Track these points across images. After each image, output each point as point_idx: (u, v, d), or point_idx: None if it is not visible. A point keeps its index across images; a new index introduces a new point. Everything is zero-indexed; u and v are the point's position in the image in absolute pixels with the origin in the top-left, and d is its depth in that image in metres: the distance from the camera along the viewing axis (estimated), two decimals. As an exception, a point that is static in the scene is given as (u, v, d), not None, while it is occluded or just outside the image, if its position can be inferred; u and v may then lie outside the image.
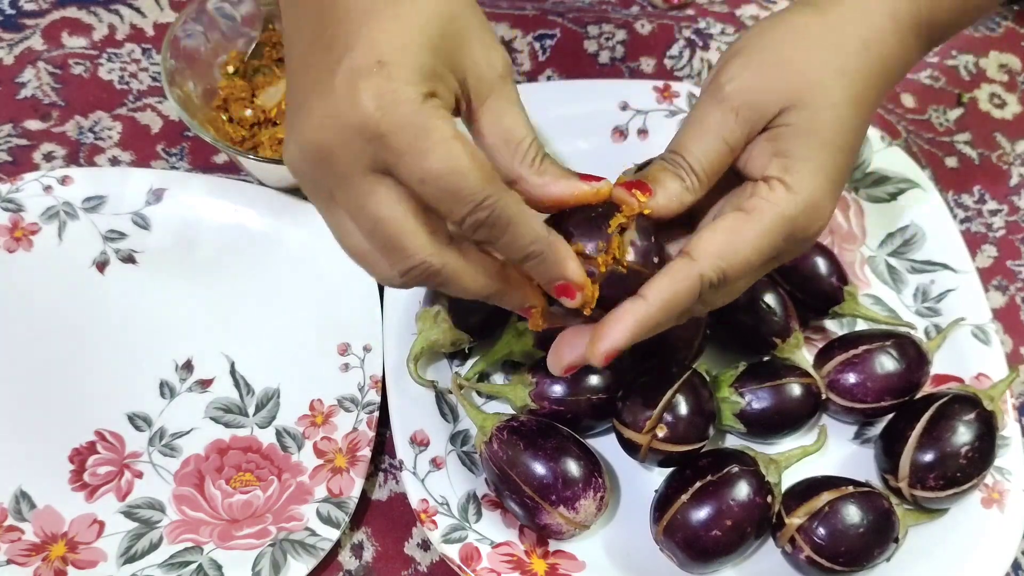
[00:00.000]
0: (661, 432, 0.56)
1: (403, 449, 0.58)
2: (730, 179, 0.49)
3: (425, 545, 0.59)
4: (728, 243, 0.45)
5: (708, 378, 0.62)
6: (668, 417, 0.56)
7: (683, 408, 0.56)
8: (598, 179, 0.45)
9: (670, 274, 0.45)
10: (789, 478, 0.58)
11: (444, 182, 0.39)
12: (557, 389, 0.58)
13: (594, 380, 0.58)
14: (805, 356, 0.62)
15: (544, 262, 0.43)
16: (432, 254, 0.41)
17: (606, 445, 0.60)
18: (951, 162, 0.77)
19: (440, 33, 0.40)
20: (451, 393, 0.60)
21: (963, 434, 0.57)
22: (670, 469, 0.57)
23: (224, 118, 0.66)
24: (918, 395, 0.61)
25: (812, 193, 0.46)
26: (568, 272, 0.44)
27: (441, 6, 0.40)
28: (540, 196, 0.44)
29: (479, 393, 0.61)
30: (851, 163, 0.48)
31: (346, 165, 0.39)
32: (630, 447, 0.57)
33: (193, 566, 0.55)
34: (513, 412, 0.59)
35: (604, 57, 0.78)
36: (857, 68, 0.47)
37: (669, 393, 0.56)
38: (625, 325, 0.45)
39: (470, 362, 0.63)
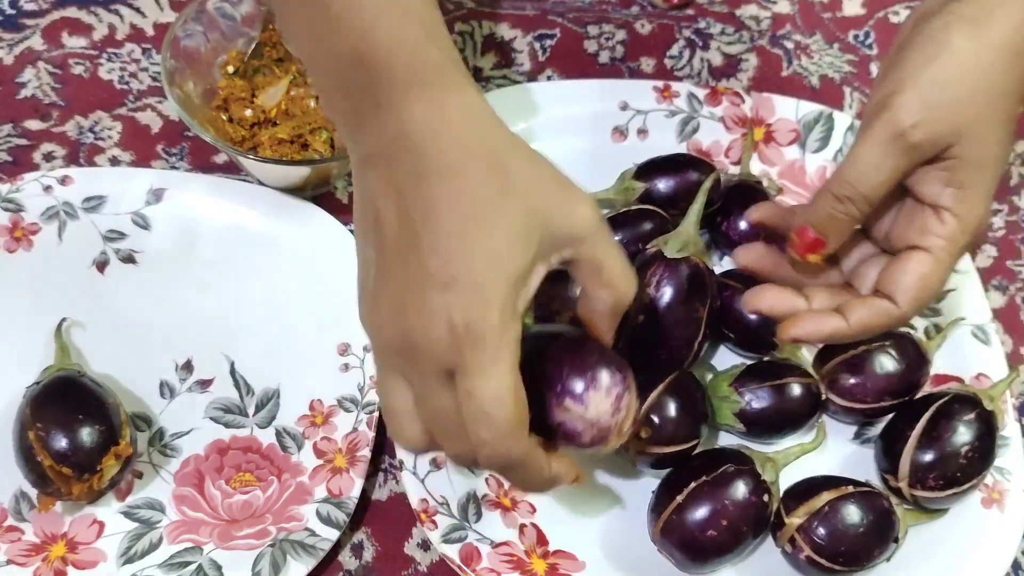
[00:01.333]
0: (645, 434, 0.56)
1: (403, 449, 0.58)
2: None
3: (425, 545, 0.59)
4: (922, 286, 0.49)
5: (707, 377, 0.62)
6: (654, 419, 0.56)
7: (667, 409, 0.56)
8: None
9: (874, 308, 0.51)
10: (789, 478, 0.58)
11: (483, 406, 0.41)
12: None
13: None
14: (805, 356, 0.62)
15: (542, 490, 0.48)
16: (459, 452, 0.44)
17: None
18: (951, 162, 0.77)
19: (526, 228, 0.42)
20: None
21: (963, 434, 0.57)
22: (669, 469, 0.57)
23: (224, 118, 0.66)
24: (918, 395, 0.61)
25: (981, 218, 0.49)
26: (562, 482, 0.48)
27: (528, 201, 0.42)
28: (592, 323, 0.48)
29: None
30: (1004, 169, 0.51)
31: (427, 361, 0.42)
32: (621, 452, 0.57)
33: (193, 566, 0.55)
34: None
35: (604, 57, 0.78)
36: (1014, 84, 0.48)
37: (653, 396, 0.56)
38: (820, 330, 0.51)
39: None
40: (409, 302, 0.41)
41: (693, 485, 0.54)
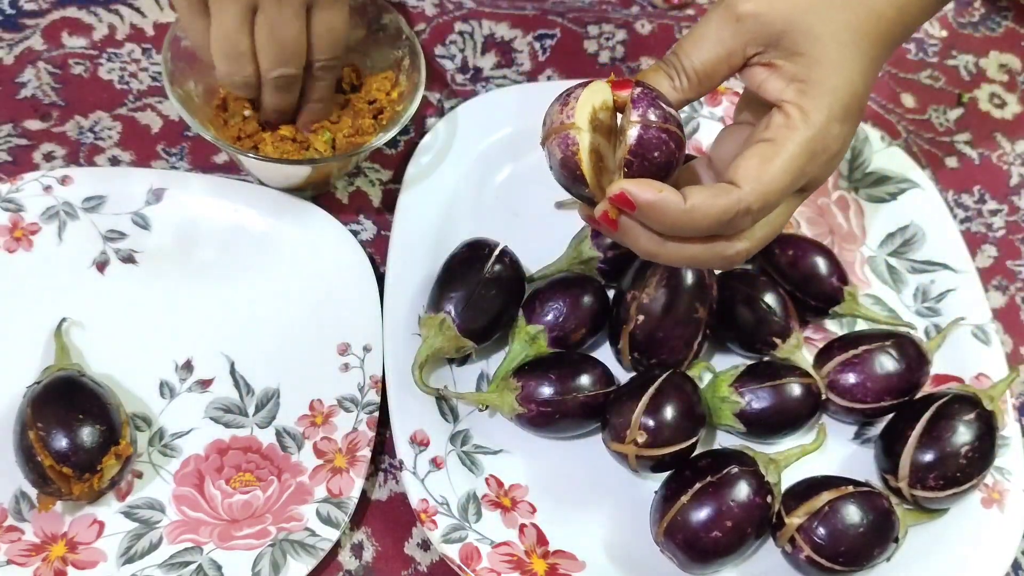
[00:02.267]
0: (641, 439, 0.56)
1: (403, 449, 0.58)
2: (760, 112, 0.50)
3: (425, 545, 0.59)
4: (763, 169, 0.46)
5: (707, 377, 0.62)
6: (648, 423, 0.56)
7: (661, 412, 0.56)
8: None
9: (711, 188, 0.46)
10: (789, 478, 0.58)
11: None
12: (544, 391, 0.58)
13: (583, 379, 0.59)
14: (805, 356, 0.62)
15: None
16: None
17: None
18: (951, 162, 0.77)
19: None
20: (456, 397, 0.60)
21: (963, 434, 0.57)
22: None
23: (224, 117, 0.66)
24: (918, 395, 0.61)
25: (827, 116, 0.47)
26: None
27: None
28: None
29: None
30: (865, 87, 0.49)
31: None
32: (619, 458, 0.58)
33: (193, 566, 0.55)
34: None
35: (604, 57, 0.78)
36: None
37: (644, 400, 0.56)
38: (653, 192, 0.45)
39: (476, 368, 0.63)
40: None
41: (698, 486, 0.54)
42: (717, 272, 0.63)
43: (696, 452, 0.58)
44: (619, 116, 0.47)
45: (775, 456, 0.57)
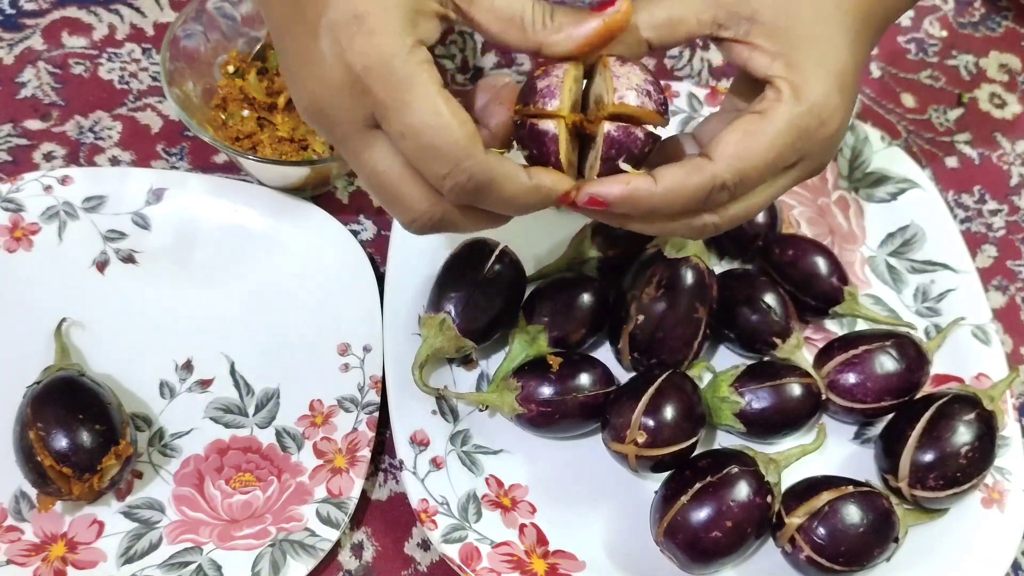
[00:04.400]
0: (641, 439, 0.56)
1: (403, 449, 0.58)
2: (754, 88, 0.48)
3: (425, 545, 0.59)
4: (744, 144, 0.44)
5: (707, 377, 0.62)
6: (648, 423, 0.56)
7: (661, 412, 0.56)
8: (612, 2, 0.44)
9: (685, 166, 0.44)
10: (789, 478, 0.58)
11: (422, 138, 0.40)
12: (544, 391, 0.58)
13: (583, 379, 0.59)
14: (805, 356, 0.62)
15: (535, 206, 0.44)
16: (429, 206, 0.42)
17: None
18: (951, 162, 0.77)
19: None
20: (456, 397, 0.60)
21: (963, 434, 0.57)
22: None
23: (223, 117, 0.66)
24: (918, 395, 0.61)
25: (819, 93, 0.45)
26: (559, 198, 0.44)
27: None
28: (572, 49, 0.44)
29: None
30: (854, 62, 0.47)
31: (341, 123, 0.41)
32: (619, 458, 0.58)
33: (193, 566, 0.55)
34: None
35: (604, 57, 0.77)
36: None
37: (644, 400, 0.56)
38: (621, 186, 0.44)
39: (476, 371, 0.63)
40: (305, 64, 0.40)
41: (698, 486, 0.54)
42: (717, 272, 0.63)
43: (696, 452, 0.58)
44: (595, 80, 0.46)
45: (775, 456, 0.57)
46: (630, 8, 0.44)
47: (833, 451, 0.62)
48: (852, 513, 0.54)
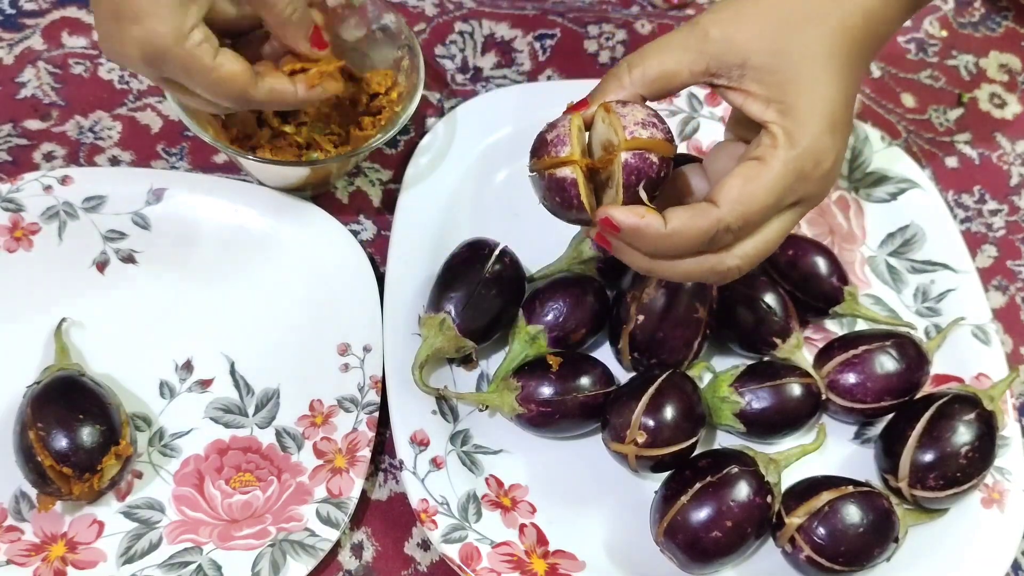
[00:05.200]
0: (641, 439, 0.56)
1: (403, 449, 0.58)
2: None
3: (425, 545, 0.59)
4: (744, 189, 0.47)
5: (707, 377, 0.62)
6: (648, 423, 0.56)
7: (661, 412, 0.56)
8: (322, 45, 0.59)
9: (692, 209, 0.47)
10: (789, 478, 0.58)
11: (222, 90, 0.54)
12: (544, 391, 0.58)
13: (583, 379, 0.59)
14: (805, 356, 0.62)
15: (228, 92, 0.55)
16: (174, 38, 0.52)
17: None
18: (951, 162, 0.77)
19: None
20: (456, 397, 0.60)
21: (963, 434, 0.57)
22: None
23: (223, 117, 0.66)
24: (918, 395, 0.61)
25: (813, 134, 0.48)
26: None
27: None
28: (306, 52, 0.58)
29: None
30: (845, 101, 0.49)
31: (155, 78, 0.54)
32: (619, 458, 0.58)
33: (193, 566, 0.55)
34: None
35: (604, 57, 0.78)
36: (830, 14, 0.49)
37: (644, 400, 0.56)
38: (635, 218, 0.46)
39: (476, 371, 0.63)
40: (114, 37, 0.52)
41: (698, 486, 0.54)
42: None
43: (696, 452, 0.58)
44: (596, 128, 0.49)
45: (775, 456, 0.57)
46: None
47: (833, 451, 0.62)
48: (852, 513, 0.54)
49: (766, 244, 0.49)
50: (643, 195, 0.47)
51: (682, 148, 0.71)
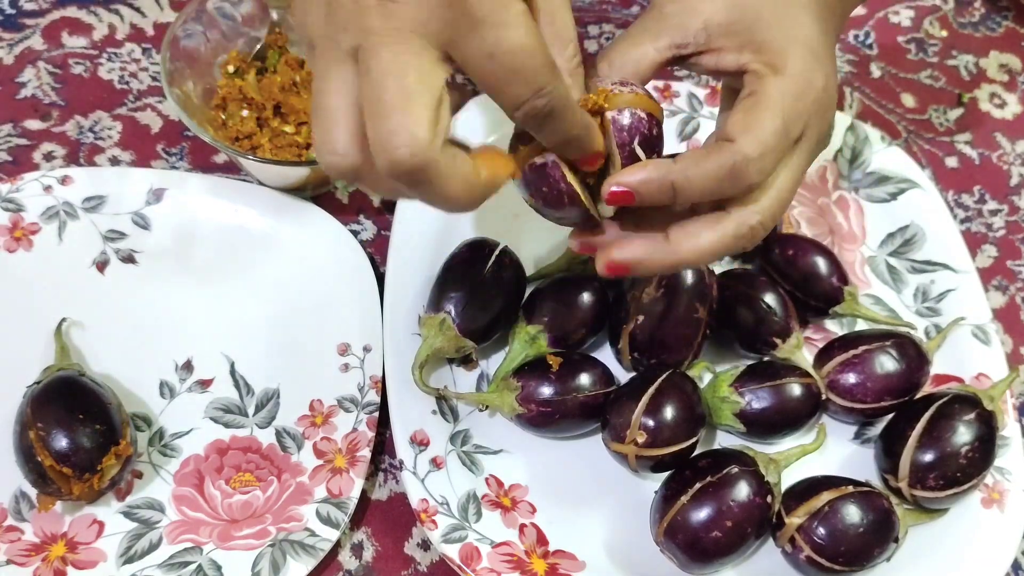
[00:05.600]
0: (641, 439, 0.56)
1: (403, 449, 0.58)
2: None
3: (425, 545, 0.59)
4: (750, 119, 0.45)
5: (707, 377, 0.62)
6: (648, 423, 0.56)
7: (661, 412, 0.56)
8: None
9: (704, 147, 0.46)
10: (789, 478, 0.58)
11: (514, 59, 0.39)
12: (544, 391, 0.58)
13: (583, 379, 0.59)
14: (805, 356, 0.62)
15: (584, 141, 0.44)
16: (424, 141, 0.38)
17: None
18: (951, 162, 0.77)
19: None
20: (456, 397, 0.60)
21: (963, 434, 0.57)
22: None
23: (223, 117, 0.66)
24: (918, 395, 0.61)
25: (794, 61, 0.47)
26: (599, 144, 0.45)
27: None
28: None
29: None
30: (822, 33, 0.48)
31: (404, 19, 0.38)
32: (619, 458, 0.58)
33: (192, 566, 0.55)
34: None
35: (604, 57, 0.77)
36: None
37: (644, 400, 0.56)
38: (641, 169, 0.45)
39: (476, 371, 0.63)
40: None
41: (698, 486, 0.54)
42: (717, 272, 0.63)
43: (696, 452, 0.58)
44: None
45: (775, 456, 0.57)
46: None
47: (833, 451, 0.62)
48: (852, 513, 0.54)
49: (781, 194, 0.47)
50: (640, 152, 0.45)
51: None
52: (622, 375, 0.62)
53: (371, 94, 0.39)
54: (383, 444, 0.61)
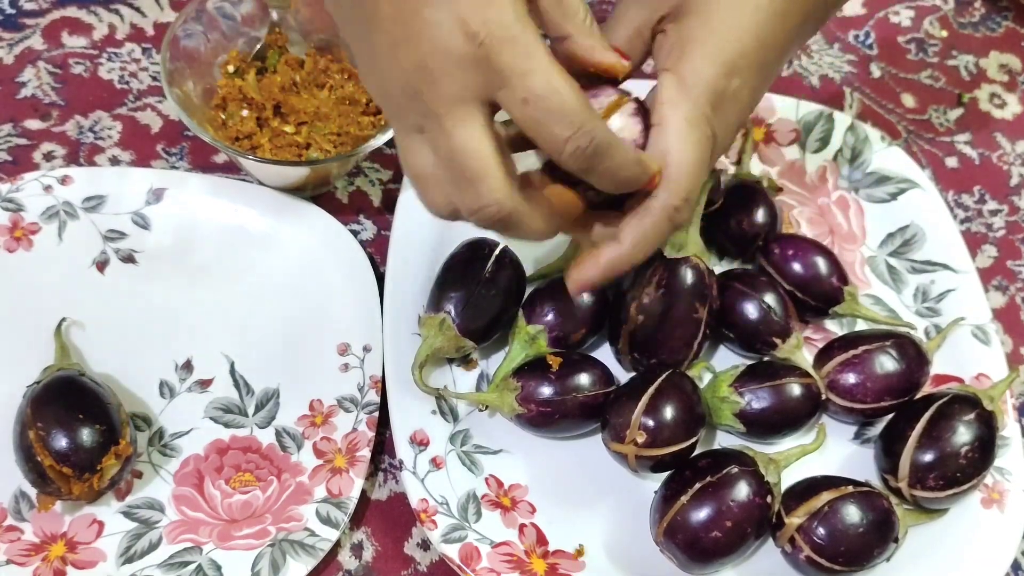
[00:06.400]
0: (641, 439, 0.56)
1: (403, 449, 0.58)
2: None
3: (425, 545, 0.59)
4: (666, 160, 0.46)
5: (707, 377, 0.62)
6: (648, 423, 0.56)
7: (660, 411, 0.56)
8: (626, 56, 0.47)
9: (636, 214, 0.47)
10: (789, 478, 0.58)
11: (548, 102, 0.40)
12: (544, 391, 0.58)
13: (582, 379, 0.59)
14: (805, 356, 0.62)
15: (641, 177, 0.45)
16: (507, 196, 0.42)
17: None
18: (951, 162, 0.77)
19: None
20: (456, 397, 0.60)
21: (963, 434, 0.57)
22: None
23: (223, 117, 0.66)
24: (918, 395, 0.61)
25: (706, 79, 0.47)
26: (653, 169, 0.46)
27: None
28: (585, 57, 0.46)
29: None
30: (757, 41, 0.48)
31: (444, 96, 0.41)
32: (619, 458, 0.58)
33: (192, 566, 0.55)
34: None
35: (604, 57, 0.77)
36: None
37: (644, 400, 0.56)
38: (595, 267, 0.48)
39: (476, 371, 0.63)
40: (411, 30, 0.40)
41: (698, 486, 0.54)
42: (717, 272, 0.63)
43: (696, 452, 0.58)
44: None
45: (775, 456, 0.57)
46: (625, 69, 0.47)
47: (833, 451, 0.62)
48: (852, 513, 0.54)
49: (692, 168, 0.47)
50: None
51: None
52: (622, 375, 0.62)
53: (448, 170, 0.43)
54: (383, 444, 0.61)
